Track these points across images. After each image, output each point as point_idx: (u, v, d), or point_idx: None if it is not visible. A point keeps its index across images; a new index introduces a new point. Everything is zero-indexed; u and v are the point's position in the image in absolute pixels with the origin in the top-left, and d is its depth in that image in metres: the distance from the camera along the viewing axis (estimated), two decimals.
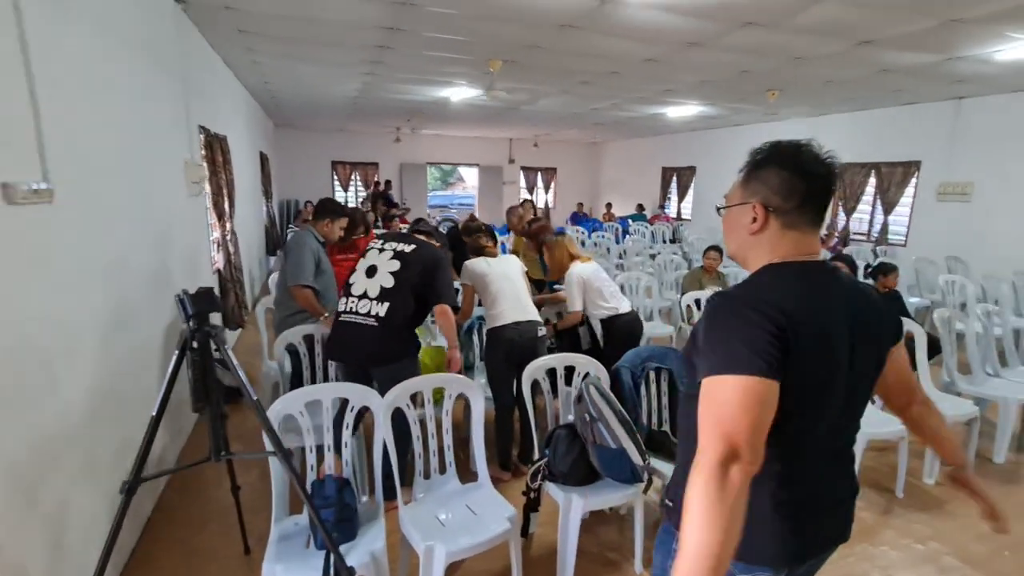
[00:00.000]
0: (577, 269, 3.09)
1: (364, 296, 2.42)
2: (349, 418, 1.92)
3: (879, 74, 5.14)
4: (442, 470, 2.09)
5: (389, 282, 2.42)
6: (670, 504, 1.07)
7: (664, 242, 9.46)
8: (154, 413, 1.42)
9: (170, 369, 1.42)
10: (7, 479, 1.37)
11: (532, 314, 2.80)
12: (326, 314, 2.86)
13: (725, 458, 0.83)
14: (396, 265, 2.45)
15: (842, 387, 0.98)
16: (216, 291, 2.40)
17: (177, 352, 1.42)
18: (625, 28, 3.87)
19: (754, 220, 1.01)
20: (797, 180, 0.98)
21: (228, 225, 4.46)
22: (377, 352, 2.37)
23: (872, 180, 7.56)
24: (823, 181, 1.00)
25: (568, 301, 3.08)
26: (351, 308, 2.42)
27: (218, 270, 4.36)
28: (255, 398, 1.50)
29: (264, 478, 2.67)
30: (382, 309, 2.38)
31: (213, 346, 1.48)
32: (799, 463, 1.00)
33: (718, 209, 1.12)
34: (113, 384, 2.04)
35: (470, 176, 15.78)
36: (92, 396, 1.87)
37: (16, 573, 1.39)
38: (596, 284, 3.09)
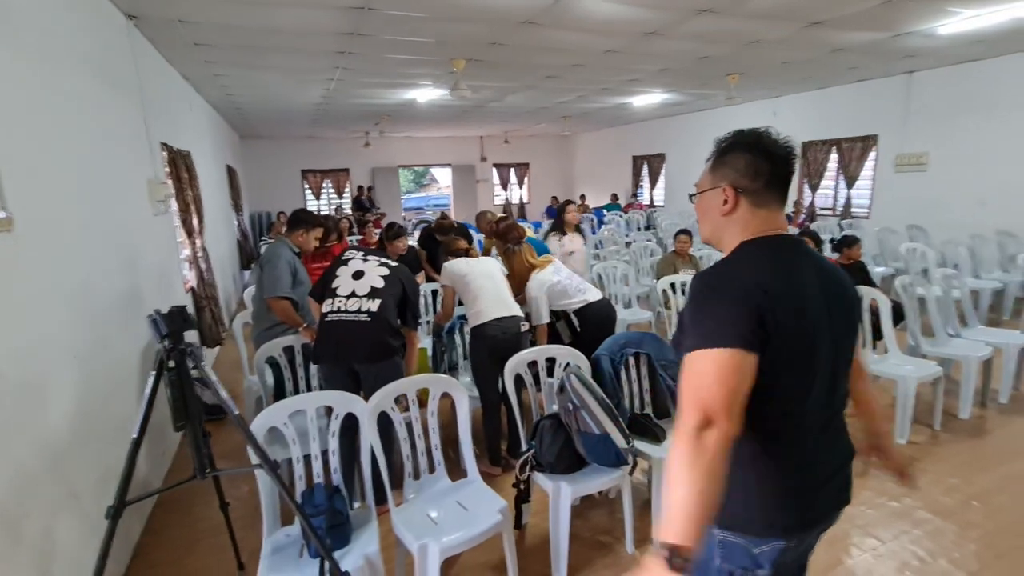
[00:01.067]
0: (535, 282, 3.04)
1: (352, 295, 2.46)
2: (335, 425, 1.93)
3: (832, 53, 5.30)
4: (431, 469, 2.12)
5: (379, 283, 2.49)
6: None
7: (639, 229, 9.58)
8: (135, 435, 1.41)
9: (147, 390, 1.42)
10: None
11: (514, 310, 2.84)
12: (304, 324, 2.86)
13: (701, 424, 0.90)
14: (385, 271, 2.55)
15: (827, 355, 1.03)
16: (190, 309, 2.38)
17: (154, 372, 1.42)
18: (583, 22, 3.92)
19: (725, 202, 1.07)
20: (762, 161, 1.05)
21: (198, 242, 4.39)
22: (370, 348, 2.41)
23: (834, 156, 7.79)
24: (784, 161, 1.07)
25: (534, 315, 3.02)
26: (339, 307, 2.44)
27: (191, 288, 4.29)
28: (236, 412, 1.51)
29: (253, 493, 2.67)
30: (373, 305, 2.43)
31: (190, 364, 1.47)
32: (798, 435, 1.04)
33: (691, 196, 1.17)
34: (90, 411, 2.02)
35: (443, 176, 15.74)
36: (69, 425, 1.84)
37: None
38: (559, 286, 3.07)
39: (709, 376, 0.92)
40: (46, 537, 1.62)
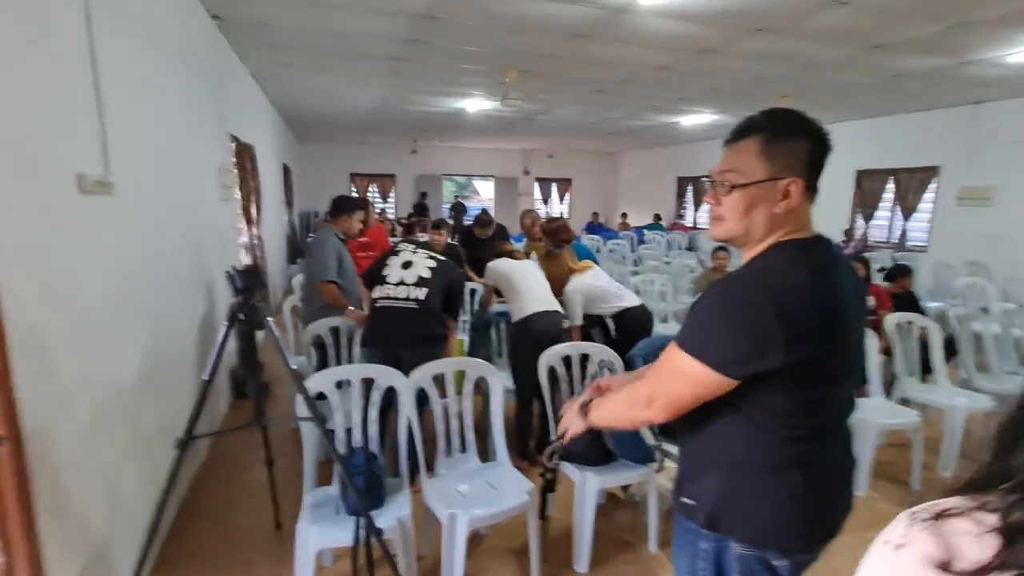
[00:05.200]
0: (574, 284, 3.09)
1: (401, 283, 2.60)
2: (375, 397, 2.03)
3: (893, 78, 5.19)
4: (463, 449, 2.19)
5: (427, 273, 2.63)
6: (692, 502, 1.04)
7: (680, 250, 9.48)
8: (206, 377, 1.54)
9: (219, 338, 1.55)
10: (74, 435, 1.51)
11: (556, 306, 2.91)
12: (350, 307, 3.01)
13: (643, 405, 1.02)
14: (433, 263, 2.69)
15: (851, 362, 1.00)
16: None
17: (227, 323, 1.55)
18: (637, 36, 4.00)
19: (786, 197, 0.94)
20: (819, 151, 0.95)
21: (255, 230, 4.66)
22: (417, 333, 2.54)
23: (890, 186, 7.54)
24: (829, 153, 0.97)
25: (569, 316, 3.06)
26: (388, 294, 2.58)
27: None
28: (294, 368, 1.62)
29: (291, 463, 2.81)
30: (421, 293, 2.57)
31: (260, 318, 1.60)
32: (822, 443, 1.01)
33: (733, 187, 0.98)
34: (155, 365, 2.19)
35: (484, 189, 16.03)
36: (138, 372, 2.01)
37: (81, 522, 1.51)
38: (597, 291, 3.11)
39: (675, 375, 0.97)
40: (116, 464, 1.77)
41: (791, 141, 0.95)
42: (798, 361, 0.89)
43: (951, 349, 3.43)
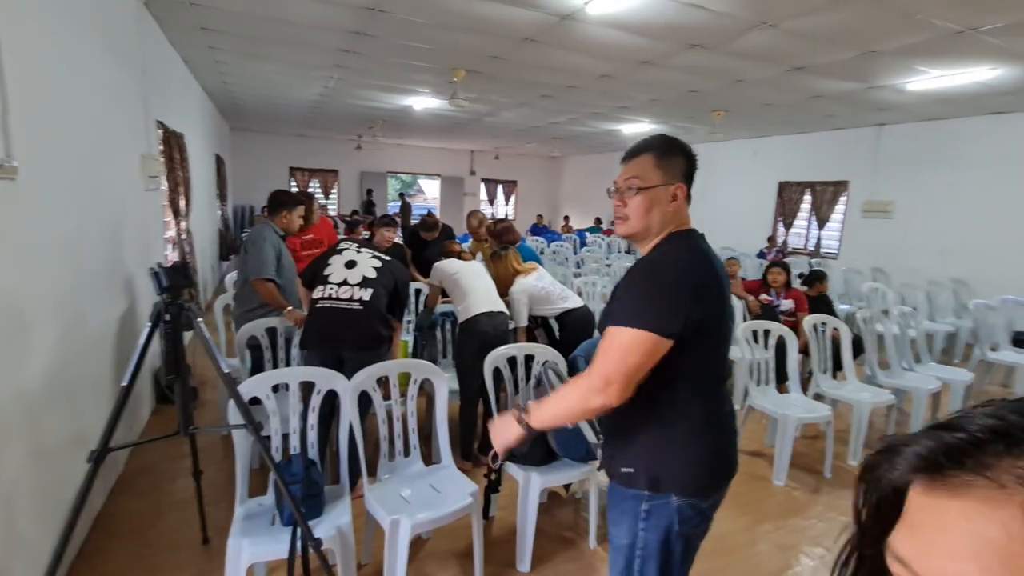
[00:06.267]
0: (519, 285, 3.13)
1: (345, 283, 2.51)
2: (315, 401, 1.96)
3: (811, 99, 5.65)
4: (406, 453, 2.16)
5: (372, 274, 2.55)
6: (630, 470, 1.19)
7: (620, 253, 9.81)
8: (125, 383, 1.43)
9: (142, 340, 1.44)
10: None
11: (502, 307, 2.92)
12: (289, 307, 2.89)
13: (598, 389, 1.09)
14: (378, 263, 2.61)
15: (728, 330, 1.25)
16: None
17: (150, 324, 1.45)
18: (583, 44, 4.12)
19: (674, 198, 1.21)
20: (691, 167, 1.25)
21: (183, 224, 4.37)
22: (360, 336, 2.45)
23: (807, 197, 8.18)
24: (696, 167, 1.27)
25: (515, 317, 3.09)
26: (330, 295, 2.48)
27: None
28: (226, 371, 1.54)
29: (221, 472, 2.66)
30: (366, 294, 2.49)
31: (187, 320, 1.51)
32: (714, 401, 1.21)
33: (639, 190, 1.20)
34: (66, 369, 2.00)
35: (429, 188, 15.86)
36: (46, 378, 1.83)
37: None
38: (542, 293, 3.16)
39: (622, 350, 1.09)
40: (15, 487, 1.60)
41: (674, 157, 1.23)
42: (702, 319, 1.10)
43: (858, 348, 3.78)
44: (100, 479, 1.75)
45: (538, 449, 2.21)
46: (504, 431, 1.25)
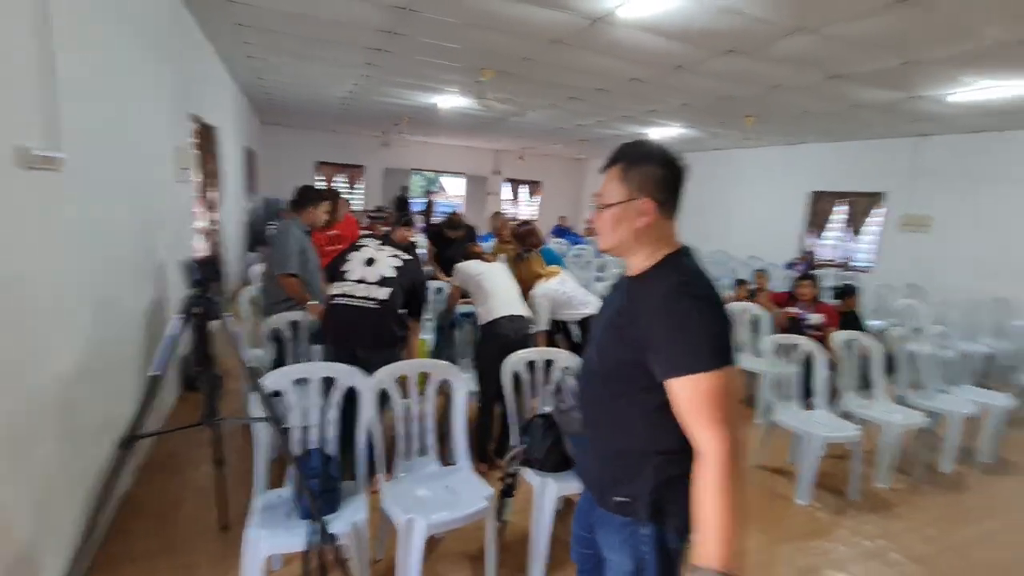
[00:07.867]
0: (541, 289, 3.12)
1: (362, 281, 2.51)
2: (336, 397, 1.98)
3: (850, 108, 5.48)
4: (423, 452, 2.16)
5: (391, 272, 2.55)
6: (628, 499, 1.10)
7: None
8: (157, 372, 1.46)
9: (173, 332, 1.46)
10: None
11: (524, 310, 2.91)
12: (312, 301, 2.92)
13: (733, 449, 0.95)
14: (398, 262, 2.61)
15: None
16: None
17: (181, 316, 1.47)
18: (614, 47, 4.07)
19: (643, 214, 1.09)
20: (669, 175, 1.11)
21: (213, 215, 4.47)
22: (377, 334, 2.46)
23: (840, 208, 7.95)
24: (683, 175, 1.14)
25: (535, 320, 3.06)
26: (346, 292, 2.49)
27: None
28: (250, 364, 1.56)
29: (241, 460, 2.70)
30: (383, 293, 2.49)
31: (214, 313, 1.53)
32: None
33: (603, 206, 1.13)
34: (99, 351, 2.06)
35: (452, 187, 15.95)
36: (80, 362, 1.88)
37: (2, 526, 1.40)
38: (564, 297, 3.13)
39: (725, 397, 0.97)
40: (49, 465, 1.65)
41: (644, 167, 1.10)
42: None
43: (889, 366, 3.65)
44: (127, 463, 1.79)
45: (554, 455, 2.18)
46: None
